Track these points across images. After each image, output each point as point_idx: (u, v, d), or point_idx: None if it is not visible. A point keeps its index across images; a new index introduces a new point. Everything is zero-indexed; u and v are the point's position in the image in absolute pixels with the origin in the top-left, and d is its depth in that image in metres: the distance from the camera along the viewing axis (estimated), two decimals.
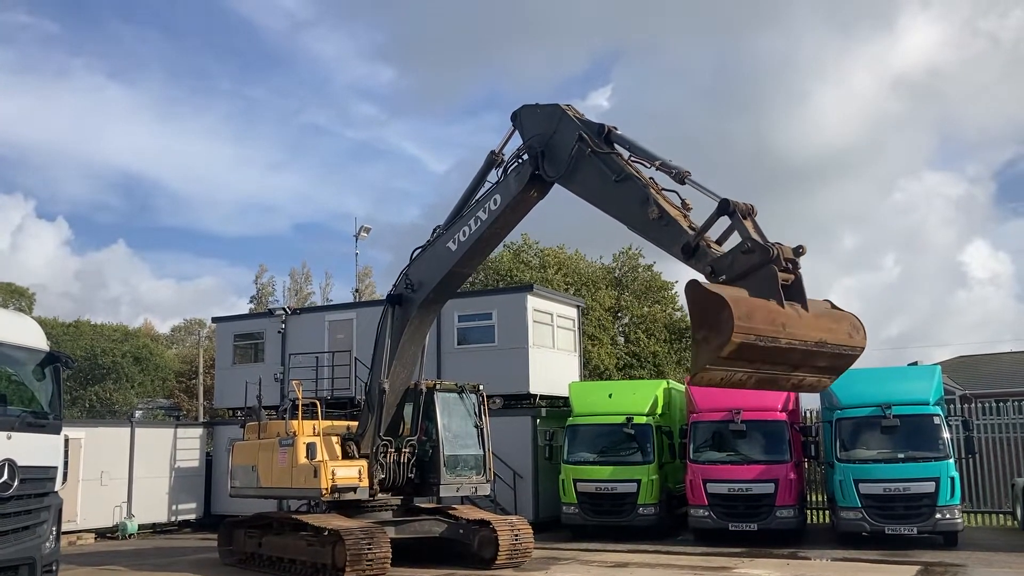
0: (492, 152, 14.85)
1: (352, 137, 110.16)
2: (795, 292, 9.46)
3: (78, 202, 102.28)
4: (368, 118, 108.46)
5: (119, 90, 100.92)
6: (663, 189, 11.40)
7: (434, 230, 15.81)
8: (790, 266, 9.44)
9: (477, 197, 15.05)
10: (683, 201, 11.16)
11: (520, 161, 14.01)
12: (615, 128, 12.50)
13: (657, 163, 11.50)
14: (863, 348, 9.82)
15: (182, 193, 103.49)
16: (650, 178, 11.72)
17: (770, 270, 9.40)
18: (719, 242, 10.47)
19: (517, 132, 14.21)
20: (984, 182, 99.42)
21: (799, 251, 9.52)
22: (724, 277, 9.82)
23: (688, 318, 10.77)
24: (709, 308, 9.07)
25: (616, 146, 12.29)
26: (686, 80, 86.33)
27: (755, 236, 9.72)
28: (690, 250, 10.50)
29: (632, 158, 12.03)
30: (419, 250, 16.00)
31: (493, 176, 14.90)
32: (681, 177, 11.05)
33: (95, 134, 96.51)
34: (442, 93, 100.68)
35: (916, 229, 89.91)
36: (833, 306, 10.03)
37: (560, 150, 13.09)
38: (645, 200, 11.33)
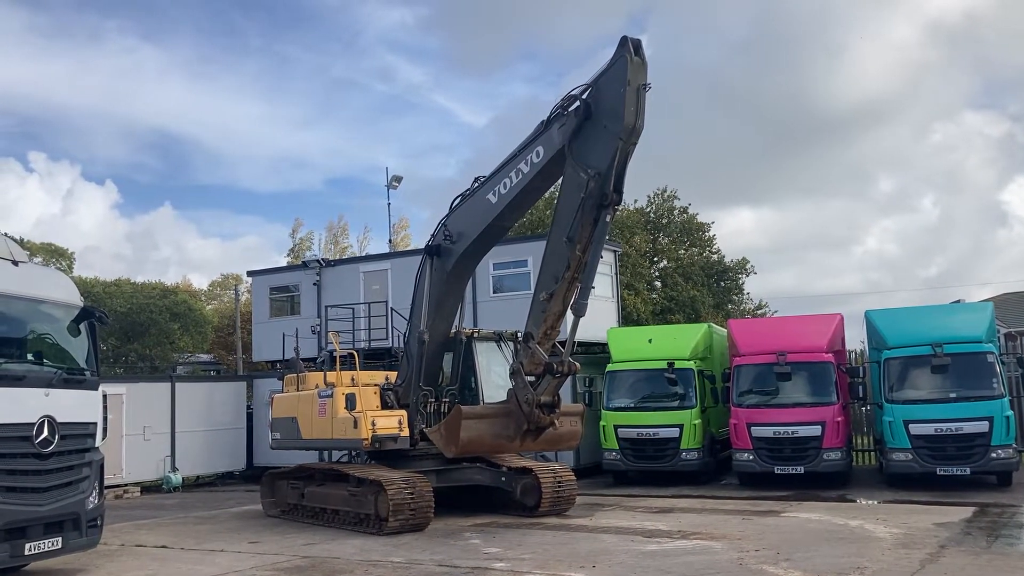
0: (542, 122, 13.84)
1: (382, 91, 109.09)
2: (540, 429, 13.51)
3: (117, 163, 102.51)
4: (399, 72, 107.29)
5: (152, 51, 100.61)
6: (575, 277, 12.74)
7: (475, 179, 15.23)
8: (539, 426, 13.31)
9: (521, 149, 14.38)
10: (574, 302, 12.68)
11: (565, 113, 13.18)
12: (617, 203, 12.53)
13: (573, 292, 12.77)
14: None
15: (216, 150, 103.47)
16: (582, 261, 12.62)
17: (521, 422, 13.31)
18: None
19: (613, 65, 12.41)
20: None
21: (553, 426, 13.41)
22: (512, 384, 13.54)
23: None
24: (453, 429, 13.76)
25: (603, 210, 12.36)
26: (722, 33, 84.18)
27: (545, 397, 13.12)
28: (523, 340, 13.53)
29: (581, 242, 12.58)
30: (459, 199, 15.48)
31: None
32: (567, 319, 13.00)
33: (130, 95, 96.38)
34: (476, 48, 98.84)
35: (955, 170, 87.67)
36: (580, 418, 15.01)
37: (590, 144, 12.59)
38: (555, 280, 12.89)
